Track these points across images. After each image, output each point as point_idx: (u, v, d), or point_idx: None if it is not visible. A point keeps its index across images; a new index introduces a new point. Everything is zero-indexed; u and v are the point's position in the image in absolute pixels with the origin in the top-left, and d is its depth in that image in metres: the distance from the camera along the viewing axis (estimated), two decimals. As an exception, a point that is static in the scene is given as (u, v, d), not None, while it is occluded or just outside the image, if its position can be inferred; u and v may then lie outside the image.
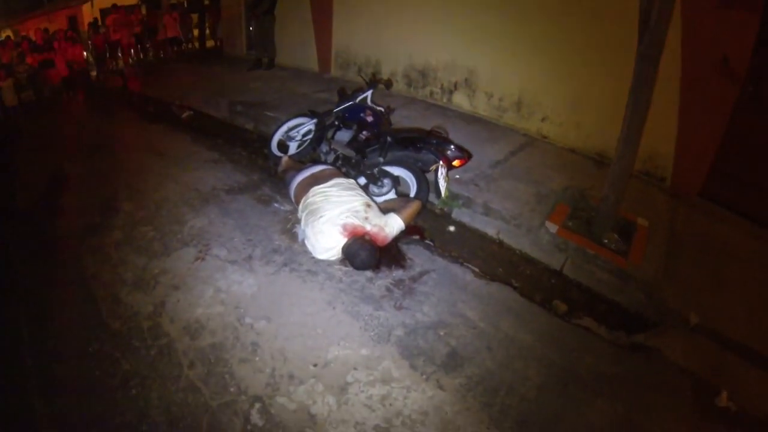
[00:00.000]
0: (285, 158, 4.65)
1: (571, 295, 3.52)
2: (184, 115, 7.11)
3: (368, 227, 3.25)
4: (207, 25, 12.98)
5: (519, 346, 2.86)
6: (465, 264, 3.60)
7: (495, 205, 4.14)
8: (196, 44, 13.04)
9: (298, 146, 5.02)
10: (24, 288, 3.33)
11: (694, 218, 4.82)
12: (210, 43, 13.02)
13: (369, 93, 4.81)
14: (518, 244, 3.97)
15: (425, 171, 4.00)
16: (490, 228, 4.07)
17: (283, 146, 5.16)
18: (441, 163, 3.86)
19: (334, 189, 3.47)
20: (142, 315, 2.91)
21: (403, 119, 5.82)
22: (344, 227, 3.21)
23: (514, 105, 6.14)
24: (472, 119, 6.30)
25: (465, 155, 4.11)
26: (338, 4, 7.88)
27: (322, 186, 3.51)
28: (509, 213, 4.08)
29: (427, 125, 5.29)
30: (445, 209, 4.28)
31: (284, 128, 5.12)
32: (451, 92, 6.80)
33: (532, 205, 4.27)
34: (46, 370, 2.58)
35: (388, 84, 5.08)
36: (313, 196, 3.46)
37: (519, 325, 3.04)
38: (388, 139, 4.12)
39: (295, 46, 8.92)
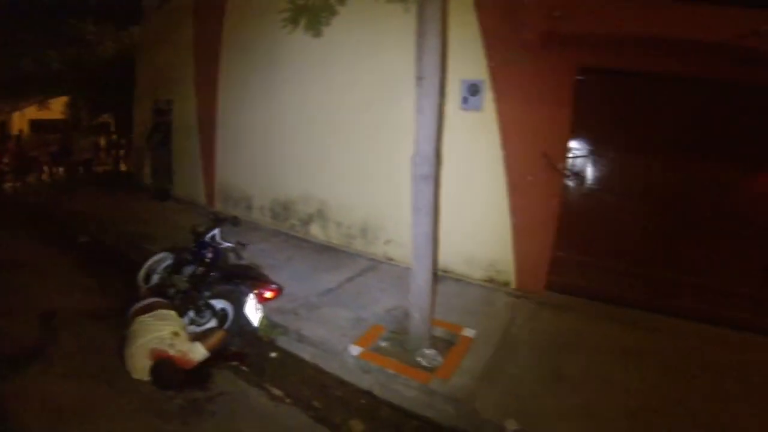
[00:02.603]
0: (143, 289, 5.58)
1: (380, 414, 4.10)
2: (81, 240, 8.12)
3: (172, 353, 4.15)
4: (122, 150, 14.55)
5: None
6: (265, 388, 4.34)
7: (307, 332, 5.01)
8: (111, 167, 14.54)
9: (159, 278, 5.99)
10: None
11: (539, 315, 5.54)
12: (124, 167, 14.47)
13: (216, 231, 5.74)
14: (331, 368, 4.66)
15: (243, 303, 4.94)
16: (305, 354, 4.85)
17: (149, 278, 6.06)
18: (252, 296, 4.90)
19: (151, 319, 4.40)
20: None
21: (259, 253, 6.87)
22: (152, 352, 4.11)
23: (361, 231, 7.34)
24: (324, 248, 7.43)
25: (276, 288, 5.16)
26: (221, 143, 9.45)
27: (144, 315, 4.44)
28: (319, 339, 4.91)
29: (282, 257, 6.47)
30: (271, 337, 5.13)
31: (150, 261, 6.04)
32: (307, 224, 8.03)
33: (346, 330, 5.09)
34: None
35: (235, 221, 6.17)
36: (135, 324, 4.38)
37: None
38: (215, 274, 5.18)
39: (190, 179, 10.33)
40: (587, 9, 5.27)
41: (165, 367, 4.09)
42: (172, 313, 4.69)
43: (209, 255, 5.49)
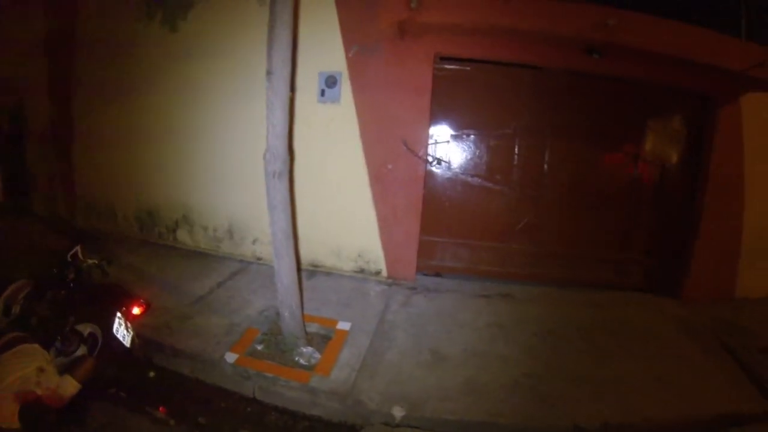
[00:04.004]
0: (3, 324, 5.12)
1: (268, 420, 4.18)
2: None
3: (39, 392, 3.93)
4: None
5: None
6: (147, 411, 4.28)
7: (182, 345, 4.93)
8: None
9: (20, 309, 5.72)
10: None
11: (413, 300, 5.82)
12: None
13: (77, 249, 5.38)
14: (211, 379, 4.65)
15: (111, 324, 4.80)
16: (184, 368, 4.82)
17: (9, 310, 5.52)
18: (119, 315, 4.77)
19: (10, 358, 4.08)
20: None
21: (127, 266, 6.63)
22: (17, 395, 3.85)
23: (227, 233, 7.40)
24: (193, 254, 7.39)
25: (144, 303, 5.04)
26: (79, 149, 9.01)
27: (3, 355, 4.08)
28: (195, 351, 4.83)
29: (151, 268, 6.40)
30: (149, 355, 5.06)
31: (8, 291, 5.45)
32: (174, 230, 7.92)
33: (220, 337, 5.03)
34: None
35: (96, 236, 5.94)
36: (-8, 367, 4.10)
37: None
38: (79, 296, 4.96)
39: (49, 192, 9.79)
40: (443, -1, 5.53)
41: (34, 410, 3.91)
42: (36, 346, 4.42)
43: (71, 276, 5.25)
